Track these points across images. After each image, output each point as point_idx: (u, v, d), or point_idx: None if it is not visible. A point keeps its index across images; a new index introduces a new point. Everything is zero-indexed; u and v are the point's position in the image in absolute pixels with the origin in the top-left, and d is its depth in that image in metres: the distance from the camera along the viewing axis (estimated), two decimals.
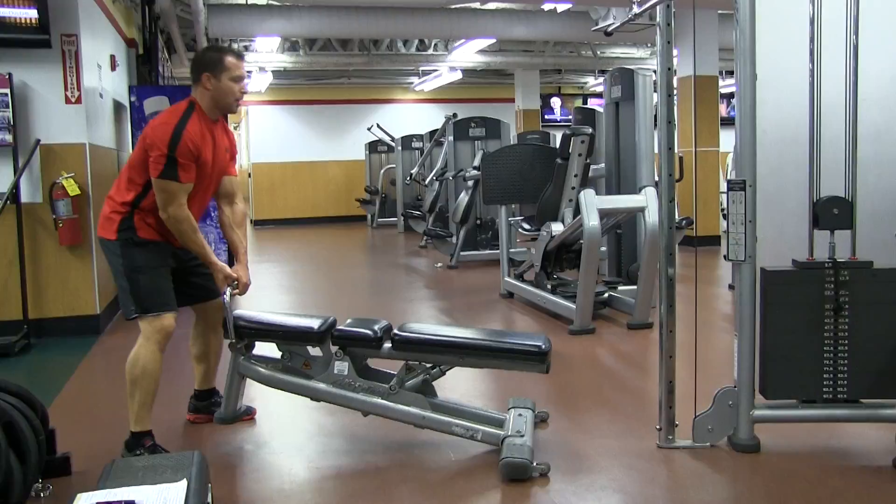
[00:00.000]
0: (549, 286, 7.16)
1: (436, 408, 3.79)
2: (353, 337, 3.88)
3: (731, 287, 7.52)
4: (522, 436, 3.63)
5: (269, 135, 18.52)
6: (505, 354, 3.79)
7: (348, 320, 4.00)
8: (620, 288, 7.31)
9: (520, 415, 3.91)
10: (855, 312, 3.58)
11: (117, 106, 8.35)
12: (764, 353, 3.65)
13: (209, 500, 3.01)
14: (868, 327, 3.59)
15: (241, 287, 3.97)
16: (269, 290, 9.30)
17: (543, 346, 3.70)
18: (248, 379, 4.13)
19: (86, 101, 6.56)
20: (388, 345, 3.84)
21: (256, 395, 4.52)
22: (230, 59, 3.81)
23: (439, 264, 10.67)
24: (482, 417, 3.85)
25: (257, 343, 4.16)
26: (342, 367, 3.84)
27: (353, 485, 3.54)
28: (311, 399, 3.95)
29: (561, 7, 11.04)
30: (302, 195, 18.59)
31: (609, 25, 4.43)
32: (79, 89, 6.49)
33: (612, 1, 9.25)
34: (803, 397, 3.69)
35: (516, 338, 3.98)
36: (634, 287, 6.67)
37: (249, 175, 18.84)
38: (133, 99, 8.23)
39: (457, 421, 3.73)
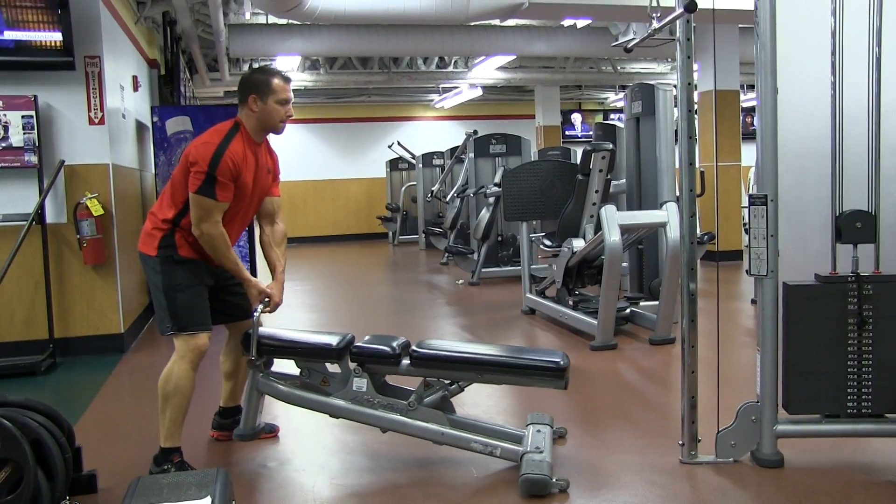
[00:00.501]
0: (570, 302, 7.15)
1: (454, 424, 3.79)
2: (372, 354, 3.89)
3: (753, 302, 7.49)
4: (541, 451, 3.63)
5: (289, 153, 18.55)
6: (523, 371, 3.78)
7: (366, 337, 4.02)
8: (642, 304, 7.29)
9: (538, 431, 3.91)
10: (879, 327, 3.56)
11: (140, 126, 8.44)
12: (787, 367, 3.63)
13: None
14: (892, 341, 3.56)
15: (273, 305, 3.98)
16: (291, 308, 9.33)
17: (562, 363, 3.70)
18: (266, 396, 4.14)
19: (109, 122, 6.63)
20: (406, 361, 3.85)
21: (280, 412, 4.54)
22: (277, 82, 3.83)
23: (461, 281, 10.67)
24: (501, 434, 3.85)
25: (275, 360, 4.17)
26: (361, 383, 3.85)
27: (376, 502, 3.55)
28: (330, 416, 3.96)
29: (581, 23, 11.09)
30: (323, 213, 18.65)
31: (629, 41, 4.47)
32: (102, 110, 6.56)
33: (631, 16, 9.26)
34: (827, 412, 3.66)
35: (534, 354, 3.98)
36: (656, 303, 6.65)
37: None
38: (155, 119, 8.31)
39: (476, 437, 3.73)
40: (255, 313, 3.91)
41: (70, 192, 6.53)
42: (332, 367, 3.99)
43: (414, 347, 3.85)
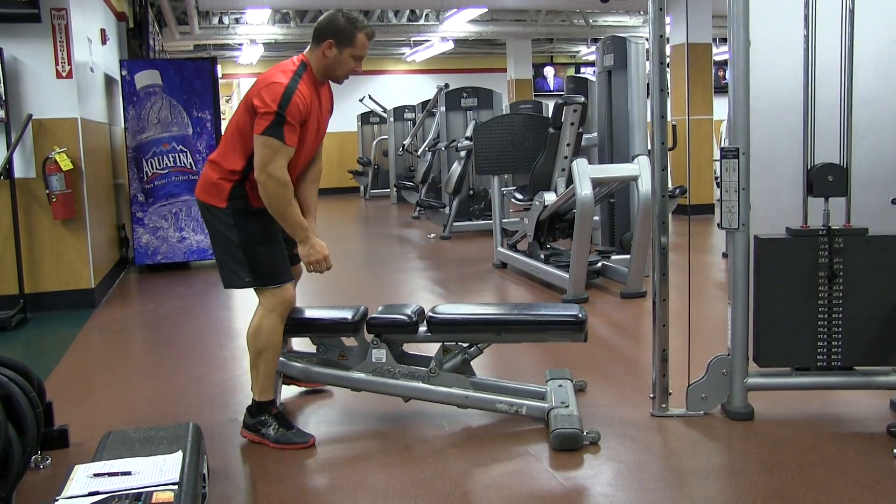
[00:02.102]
0: (542, 256, 7.17)
1: (477, 387, 3.80)
2: (389, 324, 3.86)
3: (724, 255, 7.55)
4: (567, 406, 3.68)
5: None
6: (543, 327, 3.82)
7: (379, 308, 3.98)
8: (614, 257, 7.31)
9: (560, 385, 3.95)
10: (849, 280, 3.58)
11: (108, 80, 8.31)
12: (758, 321, 3.66)
13: (205, 471, 3.03)
14: (862, 295, 3.59)
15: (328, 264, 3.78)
16: None
17: (581, 315, 3.73)
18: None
19: (77, 76, 6.52)
20: (423, 328, 3.83)
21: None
22: (361, 38, 3.62)
23: (432, 235, 10.66)
24: (524, 392, 3.86)
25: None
26: (380, 354, 3.81)
27: (345, 453, 3.57)
28: (352, 390, 3.92)
29: None
30: None
31: None
32: (69, 64, 6.44)
33: None
34: (797, 365, 3.70)
35: (551, 309, 4.00)
36: (628, 256, 6.67)
37: None
38: (124, 73, 8.19)
39: (500, 398, 3.74)
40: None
41: (38, 146, 6.43)
42: (349, 342, 3.95)
43: (429, 313, 3.82)
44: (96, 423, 3.81)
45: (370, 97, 17.15)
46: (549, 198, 6.85)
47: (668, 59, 3.88)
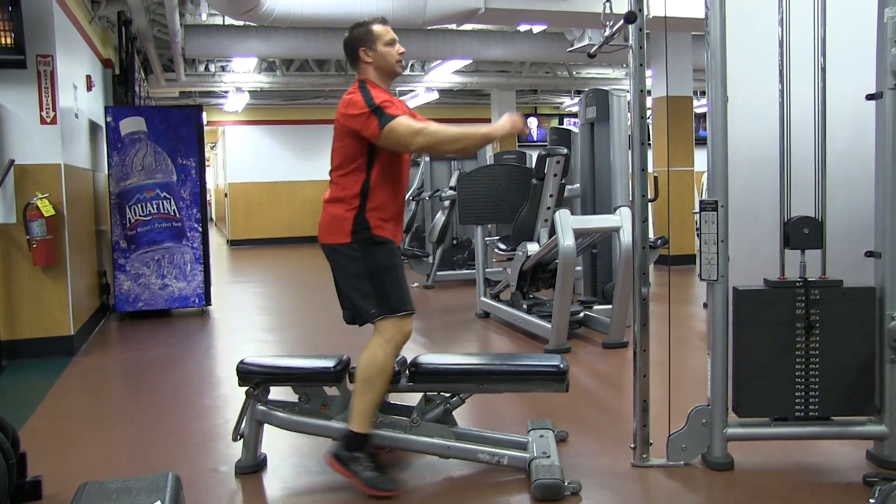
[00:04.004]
0: (524, 306, 7.18)
1: (459, 437, 3.79)
2: None
3: (705, 306, 7.57)
4: (549, 456, 3.67)
5: (245, 154, 18.48)
6: (525, 377, 3.84)
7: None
8: (596, 307, 7.34)
9: (541, 436, 3.95)
10: (826, 331, 3.62)
11: (93, 126, 8.33)
12: (737, 371, 3.69)
13: None
14: (838, 345, 3.63)
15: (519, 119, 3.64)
16: (245, 311, 9.28)
17: (562, 366, 3.76)
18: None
19: (61, 122, 6.54)
20: (405, 378, 3.83)
21: (232, 415, 4.49)
22: (377, 27, 3.74)
23: (416, 284, 10.66)
24: (506, 442, 3.86)
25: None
26: None
27: (332, 500, 3.55)
28: (334, 439, 3.87)
29: (536, 28, 11.15)
30: (278, 215, 18.53)
31: (586, 46, 4.49)
32: (54, 110, 6.47)
33: (585, 23, 9.34)
34: (776, 415, 3.72)
35: (532, 360, 4.02)
36: (610, 306, 6.70)
37: (226, 195, 18.78)
38: (109, 119, 8.21)
39: (482, 448, 3.74)
40: None
41: (20, 191, 6.41)
42: (331, 390, 3.93)
43: (412, 363, 3.83)
44: (72, 474, 3.77)
45: None
46: (532, 248, 6.89)
47: (648, 113, 3.94)
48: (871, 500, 2.97)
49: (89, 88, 8.11)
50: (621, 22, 3.62)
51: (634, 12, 3.66)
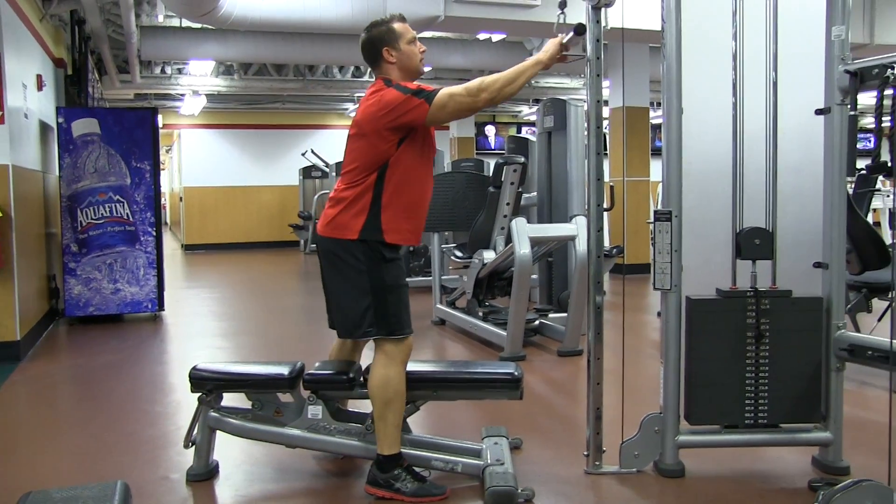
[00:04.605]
0: (480, 313, 7.20)
1: (413, 444, 3.78)
2: (325, 380, 3.82)
3: (659, 314, 7.64)
4: (503, 463, 3.67)
5: (202, 159, 18.31)
6: (480, 384, 3.85)
7: (316, 364, 3.95)
8: (551, 315, 7.37)
9: (496, 443, 3.95)
10: (775, 340, 3.67)
11: (44, 127, 8.20)
12: (689, 379, 3.73)
13: None
14: (787, 355, 3.69)
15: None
16: (200, 317, 9.18)
17: (516, 373, 3.77)
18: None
19: (9, 122, 6.43)
20: (361, 385, 3.81)
21: (184, 422, 4.44)
22: (398, 25, 3.66)
23: None
24: (460, 449, 3.85)
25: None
26: (316, 411, 3.77)
27: None
28: (287, 447, 3.88)
29: (496, 37, 11.19)
30: (235, 220, 18.39)
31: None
32: (1, 109, 6.35)
33: (544, 32, 9.40)
34: (726, 423, 3.77)
35: (487, 367, 4.03)
36: (565, 314, 6.74)
37: (181, 199, 18.60)
38: (61, 120, 8.09)
39: (436, 455, 3.73)
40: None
41: None
42: (284, 397, 3.90)
43: (367, 370, 3.79)
44: (15, 484, 3.70)
45: (312, 151, 17.19)
46: (489, 256, 6.91)
47: (605, 123, 3.97)
48: None
49: (40, 88, 7.98)
50: (570, 34, 3.65)
51: (584, 25, 3.69)
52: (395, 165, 3.53)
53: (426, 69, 13.01)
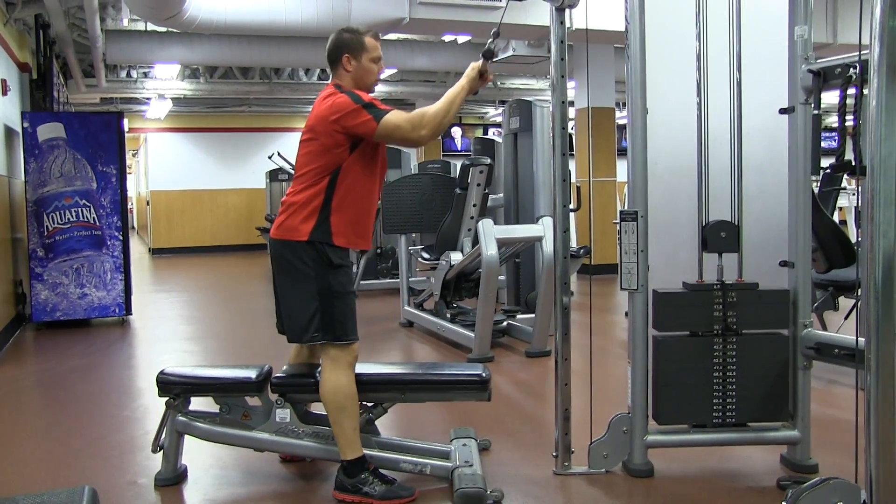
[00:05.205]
0: (448, 315, 7.20)
1: (381, 446, 3.78)
2: (293, 383, 3.81)
3: (626, 314, 7.69)
4: (471, 465, 3.67)
5: (168, 162, 18.18)
6: (447, 386, 3.86)
7: (284, 367, 3.93)
8: (519, 316, 7.40)
9: (464, 445, 3.95)
10: (742, 336, 3.70)
11: (9, 132, 8.11)
12: (656, 379, 3.75)
13: None
14: (754, 352, 3.71)
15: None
16: (168, 321, 9.12)
17: (483, 375, 3.77)
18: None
19: None
20: None
21: (152, 427, 4.41)
22: (370, 40, 3.69)
23: None
24: (428, 451, 3.86)
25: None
26: (284, 414, 3.75)
27: None
28: (255, 450, 3.85)
29: (461, 39, 11.21)
30: (201, 224, 18.28)
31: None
32: None
33: (509, 33, 9.42)
34: (694, 422, 3.79)
35: (455, 369, 4.04)
36: (533, 315, 6.76)
37: (148, 203, 18.45)
38: (26, 125, 8.01)
39: (404, 457, 3.72)
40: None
41: None
42: (252, 401, 3.88)
43: None
44: None
45: (279, 154, 17.09)
46: (456, 257, 6.92)
47: (570, 124, 4.00)
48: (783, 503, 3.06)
49: (5, 93, 7.89)
50: (481, 59, 3.72)
51: (491, 50, 3.77)
52: (346, 171, 3.55)
53: (391, 71, 13.09)
